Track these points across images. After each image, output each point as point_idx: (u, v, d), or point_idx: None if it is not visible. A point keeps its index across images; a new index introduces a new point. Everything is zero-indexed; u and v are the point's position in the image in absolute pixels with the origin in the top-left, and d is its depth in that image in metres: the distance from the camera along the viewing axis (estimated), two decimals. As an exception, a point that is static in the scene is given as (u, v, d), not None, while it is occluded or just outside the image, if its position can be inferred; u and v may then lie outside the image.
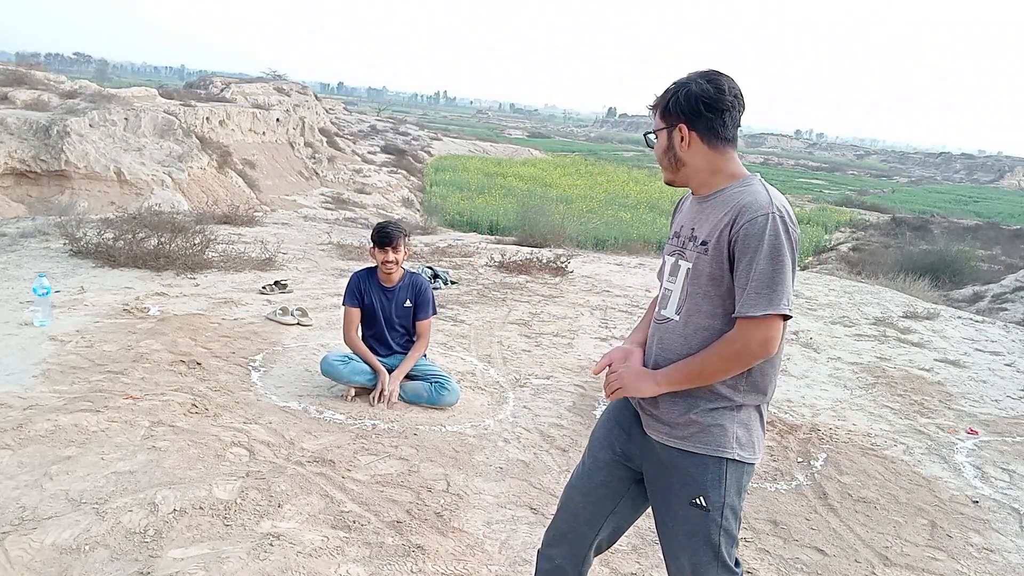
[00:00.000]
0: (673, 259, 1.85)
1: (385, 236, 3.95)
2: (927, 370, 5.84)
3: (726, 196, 1.75)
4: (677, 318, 1.80)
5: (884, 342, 6.62)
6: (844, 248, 28.86)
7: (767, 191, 1.71)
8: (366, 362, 4.04)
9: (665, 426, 1.80)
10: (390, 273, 4.04)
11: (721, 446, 1.75)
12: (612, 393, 1.86)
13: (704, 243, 1.74)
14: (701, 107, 1.73)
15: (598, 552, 2.04)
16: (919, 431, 4.47)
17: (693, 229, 1.80)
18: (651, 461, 1.87)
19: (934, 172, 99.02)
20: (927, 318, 7.72)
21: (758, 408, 1.80)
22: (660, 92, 1.83)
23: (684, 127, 1.76)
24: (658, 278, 1.95)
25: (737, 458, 1.75)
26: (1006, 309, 14.38)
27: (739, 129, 1.79)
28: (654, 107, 1.84)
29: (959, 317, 8.17)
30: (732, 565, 1.82)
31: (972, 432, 4.53)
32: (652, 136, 1.87)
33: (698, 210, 1.82)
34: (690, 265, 1.77)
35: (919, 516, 3.37)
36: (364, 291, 4.09)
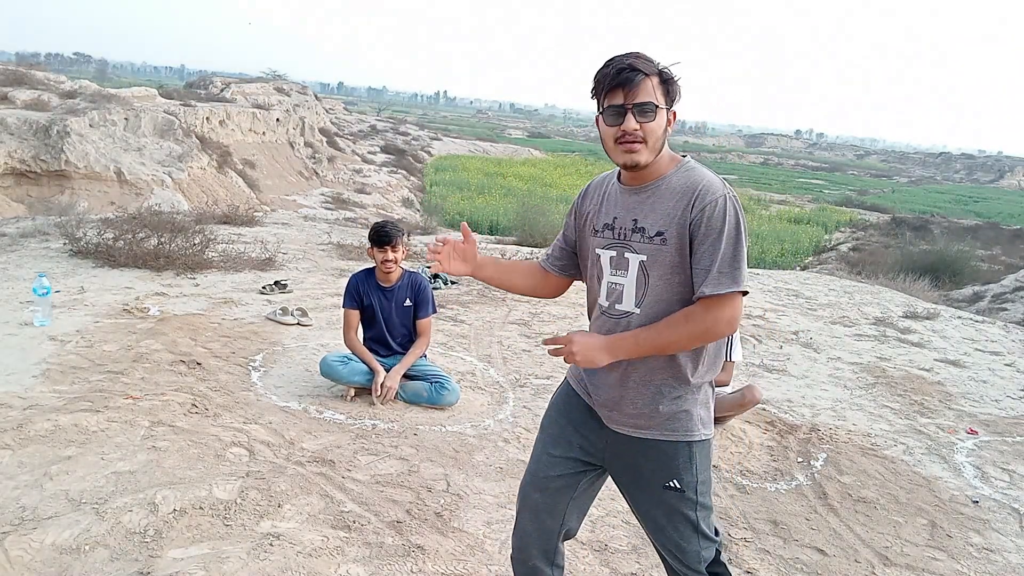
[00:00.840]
0: (613, 252, 1.79)
1: (383, 235, 3.95)
2: (927, 370, 5.84)
3: (670, 182, 1.72)
4: (638, 311, 1.77)
5: (884, 342, 6.62)
6: (844, 248, 28.85)
7: (712, 173, 1.73)
8: (365, 363, 4.04)
9: (631, 419, 1.82)
10: (389, 272, 4.03)
11: (689, 431, 1.79)
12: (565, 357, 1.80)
13: (659, 234, 1.71)
14: (679, 94, 1.72)
15: (567, 538, 2.05)
16: (919, 431, 4.47)
17: (635, 220, 1.75)
18: (616, 454, 1.88)
19: (934, 172, 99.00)
20: (927, 318, 7.72)
21: (711, 384, 1.85)
22: (630, 56, 1.67)
23: (675, 114, 1.73)
24: (589, 273, 1.89)
25: (702, 438, 1.80)
26: (1006, 309, 14.38)
27: None
28: (645, 71, 1.65)
29: (959, 317, 8.17)
30: (712, 534, 1.86)
31: (972, 432, 4.53)
32: (652, 106, 1.66)
33: (636, 200, 1.76)
34: (643, 258, 1.74)
35: (919, 516, 3.36)
36: (363, 293, 4.08)
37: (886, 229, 32.23)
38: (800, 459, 3.87)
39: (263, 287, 6.29)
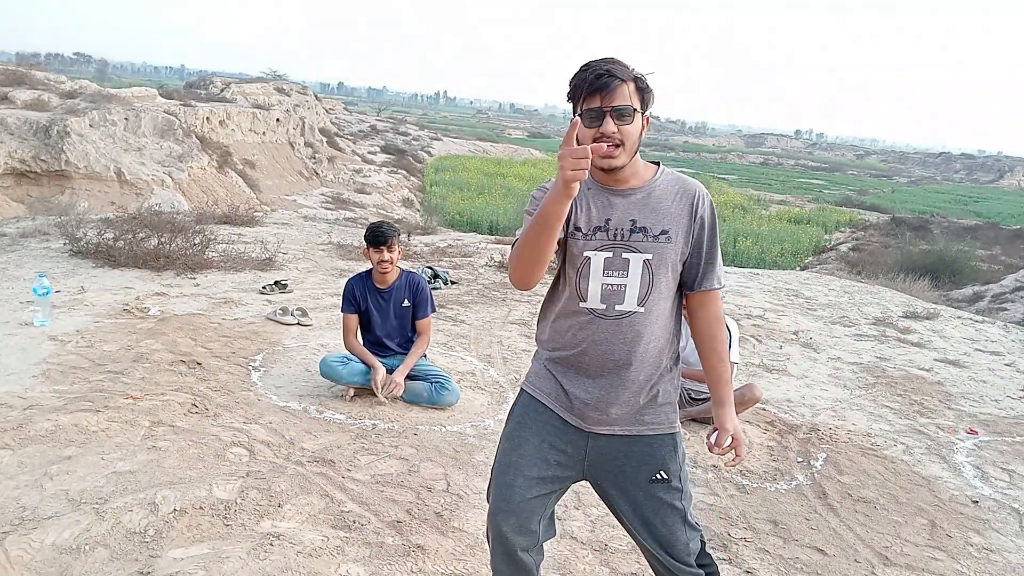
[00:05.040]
0: (609, 253, 1.79)
1: (379, 235, 3.94)
2: (927, 370, 5.84)
3: (663, 184, 1.81)
4: (642, 309, 1.81)
5: (884, 342, 6.62)
6: (844, 248, 28.84)
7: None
8: (365, 363, 4.04)
9: (618, 418, 1.84)
10: (385, 273, 4.03)
11: (672, 422, 1.88)
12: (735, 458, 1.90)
13: (664, 232, 1.78)
14: (652, 99, 1.77)
15: (543, 540, 2.00)
16: (919, 431, 4.47)
17: (634, 221, 1.78)
18: (597, 458, 1.88)
19: (934, 172, 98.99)
20: (927, 318, 7.72)
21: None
22: (608, 61, 1.70)
23: (648, 118, 1.79)
24: (565, 274, 1.86)
25: (679, 428, 1.92)
26: (1006, 309, 14.37)
27: None
28: (622, 76, 1.68)
29: (959, 317, 8.16)
30: (695, 523, 1.92)
31: (972, 432, 4.53)
32: (629, 109, 1.69)
33: (631, 202, 1.79)
34: (648, 256, 1.78)
35: (919, 516, 3.36)
36: (359, 296, 4.07)
37: (886, 229, 32.22)
38: (800, 459, 3.87)
39: (263, 287, 6.29)
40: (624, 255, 1.79)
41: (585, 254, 1.81)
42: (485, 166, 43.43)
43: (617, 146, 1.70)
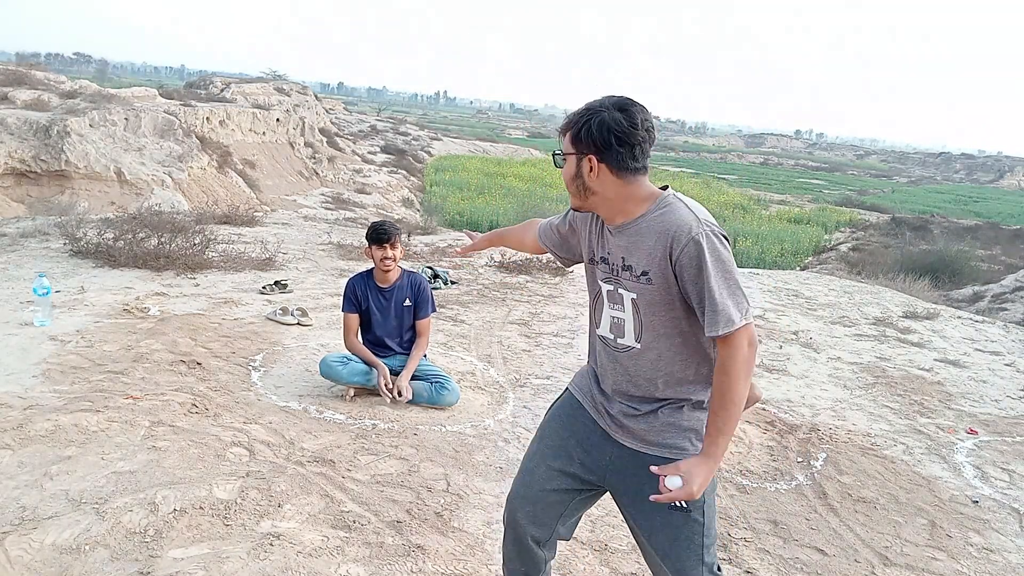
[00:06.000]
0: (611, 287, 1.81)
1: (382, 232, 3.96)
2: (927, 370, 5.84)
3: (649, 222, 1.71)
4: (639, 346, 1.78)
5: (884, 342, 6.62)
6: (844, 248, 28.84)
7: (688, 208, 1.69)
8: (367, 363, 4.04)
9: (638, 434, 1.80)
10: (387, 271, 4.03)
11: (696, 451, 1.76)
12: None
13: (644, 273, 1.71)
14: (612, 140, 1.67)
15: (560, 539, 2.03)
16: (919, 431, 4.47)
17: (623, 259, 1.75)
18: (619, 469, 1.84)
19: (934, 172, 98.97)
20: (927, 318, 7.72)
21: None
22: (571, 113, 1.78)
23: (594, 158, 1.70)
24: (590, 292, 1.91)
25: None
26: (1006, 309, 14.37)
27: (648, 159, 1.76)
28: (563, 130, 1.77)
29: (959, 317, 8.17)
30: (716, 568, 1.81)
31: (972, 432, 4.53)
32: (560, 159, 1.80)
33: (621, 239, 1.76)
34: (634, 296, 1.75)
35: (919, 516, 3.37)
36: (361, 296, 4.07)
37: (886, 229, 32.23)
38: (800, 459, 3.87)
39: (263, 287, 6.29)
40: (619, 290, 1.79)
41: (598, 282, 1.86)
42: (485, 166, 43.43)
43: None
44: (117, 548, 2.45)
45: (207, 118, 22.56)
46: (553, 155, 1.83)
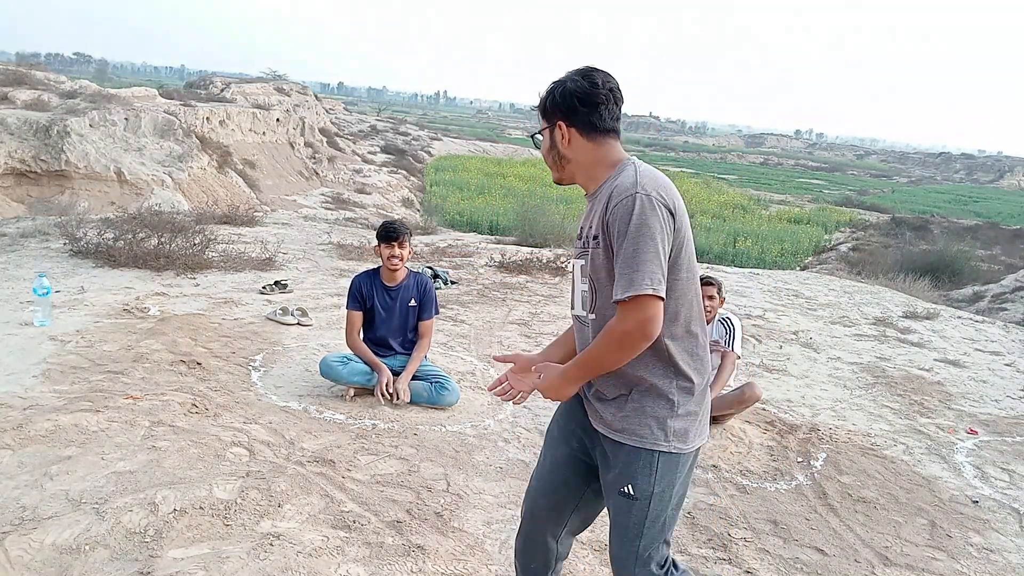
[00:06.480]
0: (583, 261, 1.83)
1: (391, 231, 4.00)
2: (927, 370, 5.84)
3: (605, 188, 1.74)
4: (593, 316, 1.80)
5: (884, 342, 6.62)
6: (844, 248, 28.84)
7: (636, 172, 1.70)
8: (367, 363, 4.04)
9: (605, 419, 1.82)
10: (395, 270, 4.05)
11: (654, 439, 1.73)
12: (516, 398, 1.92)
13: (595, 238, 1.74)
14: (576, 102, 1.76)
15: (572, 535, 2.06)
16: (919, 431, 4.47)
17: (589, 227, 1.79)
18: (598, 451, 1.88)
19: (934, 172, 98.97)
20: (927, 318, 7.72)
21: (692, 392, 1.77)
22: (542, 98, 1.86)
23: (563, 124, 1.78)
24: (572, 283, 1.95)
25: (672, 450, 1.74)
26: (1006, 309, 14.37)
27: (619, 122, 1.81)
28: (536, 108, 1.86)
29: (959, 317, 8.17)
30: (656, 566, 1.79)
31: (972, 432, 4.53)
32: (539, 137, 1.88)
33: (589, 208, 1.82)
34: (582, 262, 1.80)
35: (919, 516, 3.36)
36: (366, 294, 4.09)
37: (886, 229, 32.22)
38: (800, 459, 3.87)
39: (263, 287, 6.29)
40: (582, 263, 1.82)
41: (572, 261, 1.91)
42: (485, 166, 43.43)
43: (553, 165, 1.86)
44: (117, 548, 2.45)
45: (207, 118, 22.56)
46: (532, 137, 1.92)
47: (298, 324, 5.39)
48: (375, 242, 4.10)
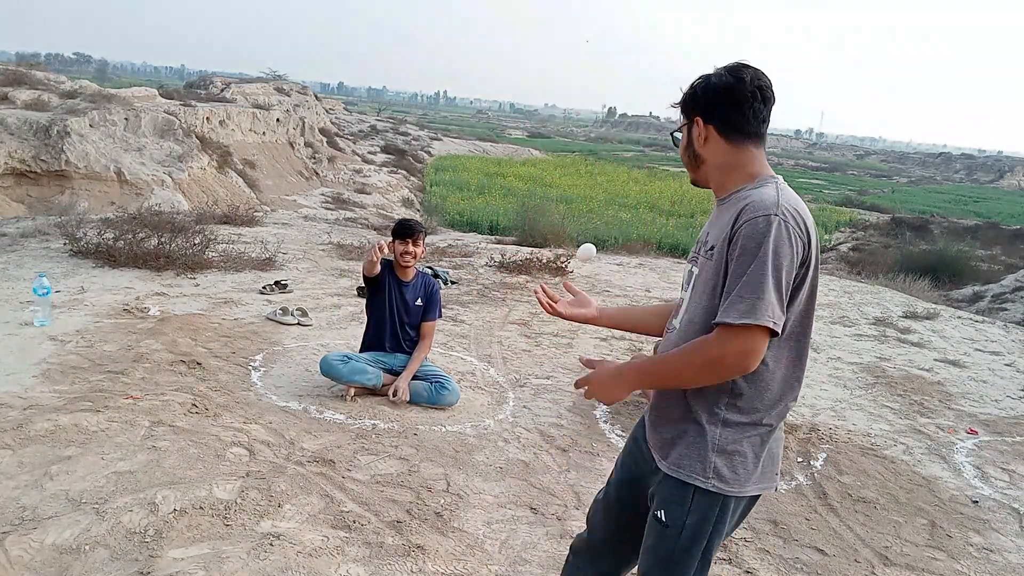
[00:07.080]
0: (689, 267, 1.73)
1: (407, 228, 4.07)
2: (927, 370, 5.84)
3: (738, 197, 1.60)
4: (678, 327, 1.69)
5: (884, 342, 6.62)
6: (844, 248, 28.82)
7: (778, 191, 1.56)
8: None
9: (655, 445, 1.73)
10: (406, 266, 4.10)
11: (693, 473, 1.61)
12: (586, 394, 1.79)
13: (712, 248, 1.60)
14: (718, 98, 1.62)
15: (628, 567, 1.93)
16: (919, 431, 4.47)
17: (708, 234, 1.67)
18: (655, 482, 1.78)
19: (934, 172, 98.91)
20: (927, 318, 7.72)
21: (749, 430, 1.60)
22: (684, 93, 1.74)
23: (700, 120, 1.66)
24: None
25: (712, 489, 1.60)
26: (1006, 309, 14.37)
27: (764, 126, 1.65)
28: (677, 104, 1.73)
29: (959, 317, 8.17)
30: None
31: (972, 432, 4.53)
32: (678, 135, 1.75)
33: (715, 215, 1.69)
34: (695, 269, 1.68)
35: (919, 516, 3.37)
36: (387, 272, 4.13)
37: (886, 229, 32.21)
38: (800, 459, 3.87)
39: (263, 287, 6.29)
40: (692, 268, 1.71)
41: (686, 264, 1.80)
42: (485, 166, 43.41)
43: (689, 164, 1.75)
44: (117, 548, 2.45)
45: (207, 118, 22.56)
46: (671, 135, 1.78)
47: (298, 324, 5.39)
48: (377, 240, 4.13)
